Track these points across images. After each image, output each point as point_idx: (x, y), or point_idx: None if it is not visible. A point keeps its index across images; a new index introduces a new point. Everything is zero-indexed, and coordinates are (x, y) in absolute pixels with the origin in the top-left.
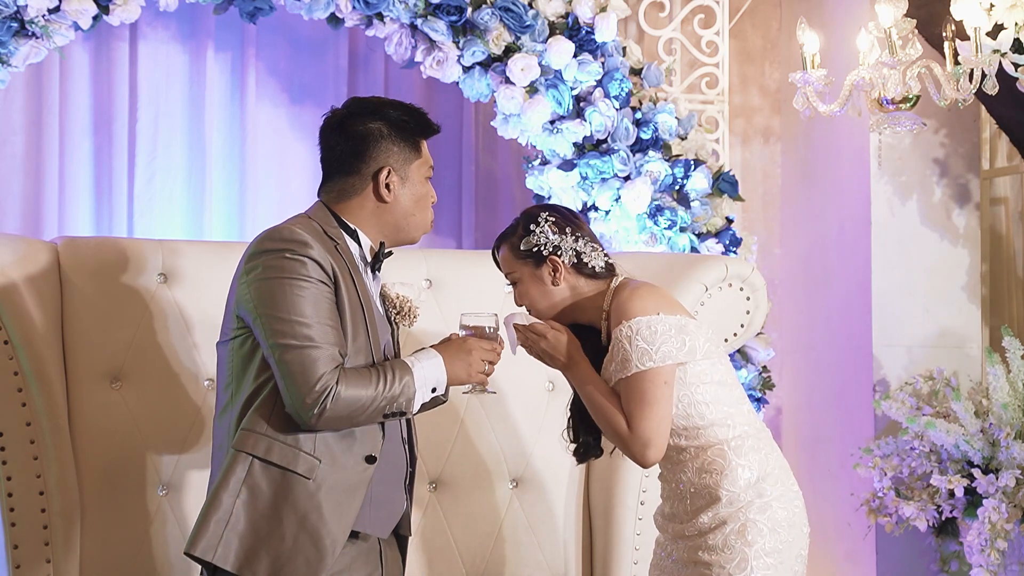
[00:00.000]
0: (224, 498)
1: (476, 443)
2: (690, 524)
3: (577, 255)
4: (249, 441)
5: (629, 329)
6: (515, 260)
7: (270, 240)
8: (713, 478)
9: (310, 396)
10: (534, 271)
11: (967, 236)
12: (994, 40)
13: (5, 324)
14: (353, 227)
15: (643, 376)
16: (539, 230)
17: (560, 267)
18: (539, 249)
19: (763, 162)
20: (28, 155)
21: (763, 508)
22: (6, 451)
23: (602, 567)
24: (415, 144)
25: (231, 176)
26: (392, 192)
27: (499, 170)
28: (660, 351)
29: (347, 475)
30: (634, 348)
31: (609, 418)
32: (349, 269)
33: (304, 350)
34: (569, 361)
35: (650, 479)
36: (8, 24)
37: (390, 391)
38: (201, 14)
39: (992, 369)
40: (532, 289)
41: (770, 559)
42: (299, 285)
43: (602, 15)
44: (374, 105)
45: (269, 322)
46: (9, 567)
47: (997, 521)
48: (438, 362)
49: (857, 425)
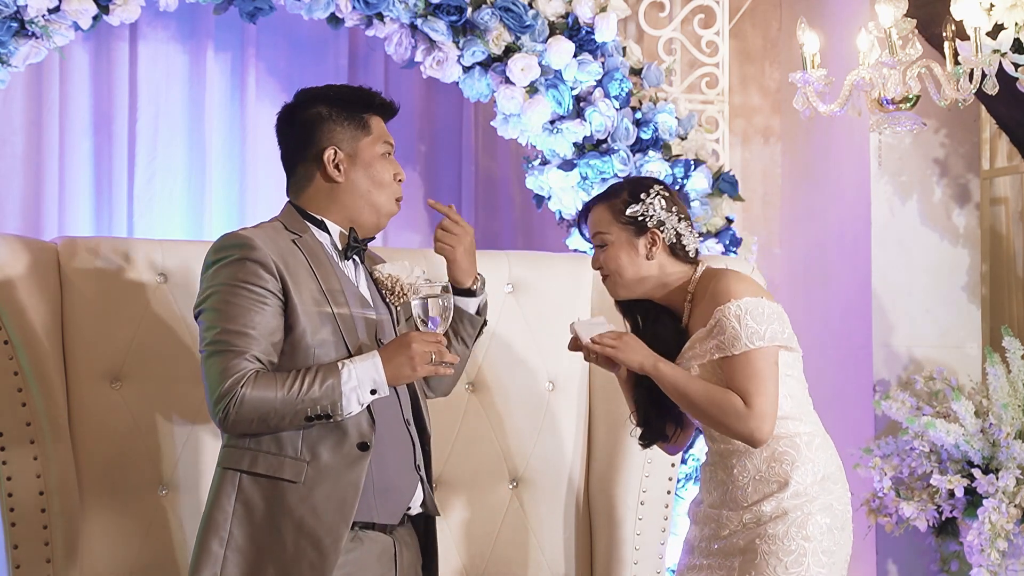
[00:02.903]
0: (219, 518)
1: (476, 443)
2: (748, 511)
3: (678, 236)
4: (233, 457)
5: (739, 308)
6: (613, 222)
7: (217, 248)
8: (783, 468)
9: (218, 398)
10: (631, 239)
11: (967, 236)
12: (994, 40)
13: (5, 324)
14: (320, 218)
15: (756, 354)
16: (649, 200)
17: (659, 242)
18: (644, 219)
19: (763, 162)
20: (28, 155)
21: (826, 507)
22: (6, 451)
23: (602, 567)
24: (362, 121)
25: (231, 176)
26: (343, 172)
27: (499, 170)
28: (768, 331)
29: (339, 469)
30: (743, 327)
31: (719, 400)
32: (309, 262)
33: (221, 354)
34: (652, 357)
35: (650, 479)
36: (8, 24)
37: (308, 394)
38: (201, 14)
39: (992, 369)
40: (623, 256)
41: (825, 558)
42: (233, 291)
43: (602, 15)
44: (317, 90)
45: (202, 328)
46: (9, 567)
47: (997, 521)
48: (374, 362)
49: (857, 425)
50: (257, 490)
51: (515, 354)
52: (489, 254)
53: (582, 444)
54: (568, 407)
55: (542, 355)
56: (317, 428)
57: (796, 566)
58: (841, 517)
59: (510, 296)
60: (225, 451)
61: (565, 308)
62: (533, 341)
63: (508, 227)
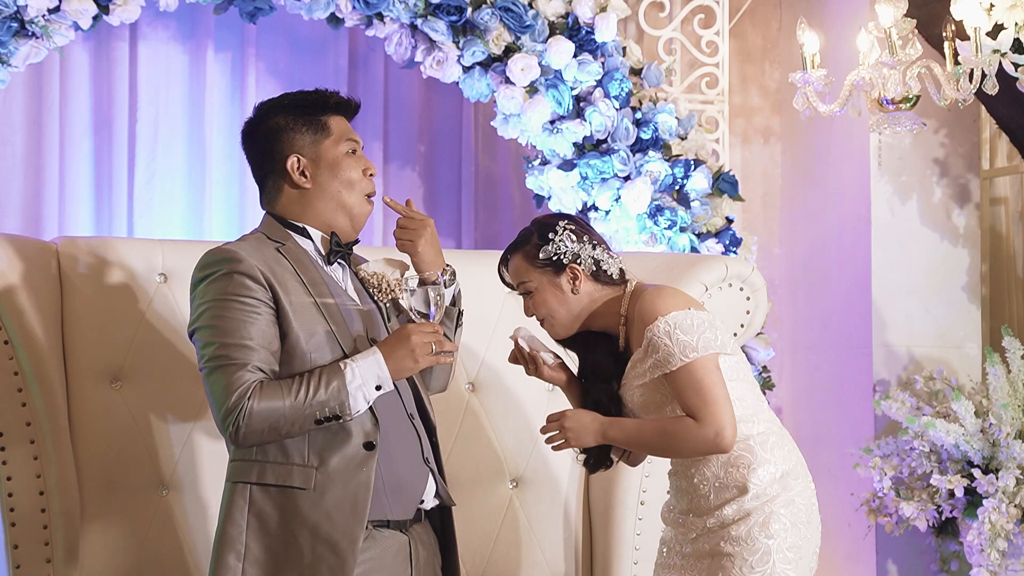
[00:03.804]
0: (233, 532)
1: (476, 443)
2: (712, 516)
3: (596, 263)
4: (241, 470)
5: (667, 324)
6: (532, 269)
7: (202, 265)
8: (740, 472)
9: (226, 413)
10: (553, 279)
11: (967, 236)
12: (994, 40)
13: (5, 324)
14: (300, 224)
15: (694, 366)
16: (558, 238)
17: (580, 275)
18: (559, 257)
19: (763, 162)
20: (28, 155)
21: (787, 503)
22: (6, 451)
23: (602, 567)
24: (320, 124)
25: (231, 176)
26: (310, 178)
27: (499, 170)
28: (701, 341)
29: (348, 471)
30: (675, 341)
31: (672, 429)
32: (295, 268)
33: (222, 369)
34: (601, 427)
35: (650, 479)
36: (8, 24)
37: (315, 397)
38: (201, 14)
39: (992, 369)
40: (551, 298)
41: (791, 554)
42: (224, 305)
43: (602, 15)
44: (272, 102)
45: (199, 346)
46: (9, 567)
47: (997, 521)
48: (375, 358)
49: (857, 425)
50: (268, 501)
51: None
52: (489, 254)
53: None
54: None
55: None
56: (322, 433)
57: (762, 564)
58: (805, 511)
59: (510, 296)
60: (233, 465)
61: None
62: None
63: (508, 227)
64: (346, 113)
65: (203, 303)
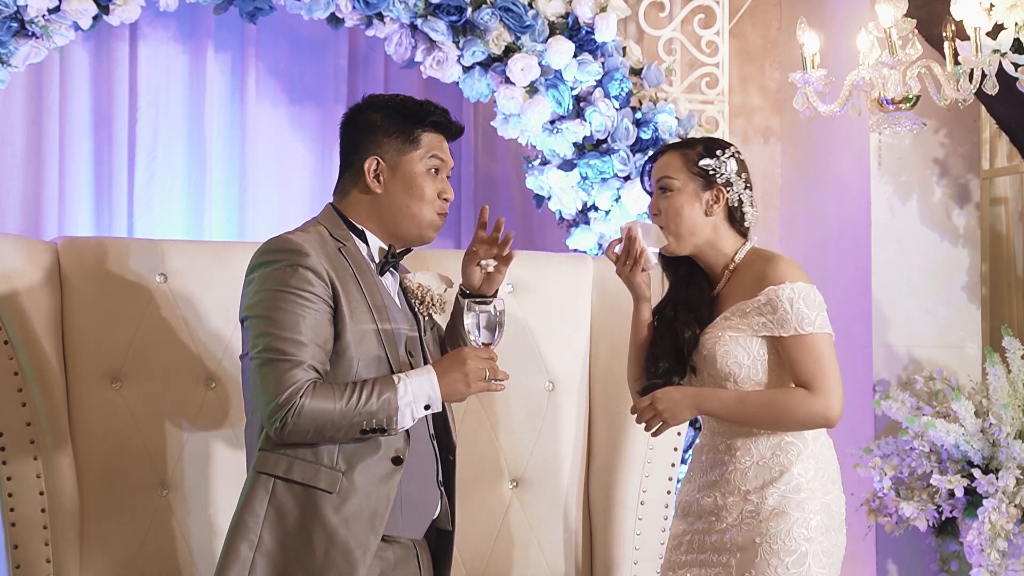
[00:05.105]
0: (250, 521)
1: (476, 443)
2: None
3: (740, 201)
4: (269, 462)
5: (792, 291)
6: (684, 170)
7: (265, 251)
8: (788, 457)
9: (275, 408)
10: (697, 190)
11: (967, 236)
12: (994, 40)
13: (5, 324)
14: (360, 227)
15: (816, 339)
16: (724, 158)
17: (721, 202)
18: (715, 173)
19: (763, 162)
20: (28, 155)
21: (824, 508)
22: (6, 451)
23: (602, 567)
24: (412, 135)
25: (231, 176)
26: (382, 184)
27: (499, 170)
28: (819, 319)
29: (373, 482)
30: (794, 310)
31: (780, 401)
32: (354, 272)
33: (276, 363)
34: (694, 400)
35: (650, 479)
36: (8, 24)
37: (365, 407)
38: (201, 14)
39: (992, 369)
40: (685, 205)
41: (825, 558)
42: (284, 297)
43: (602, 15)
44: (377, 98)
45: (252, 334)
46: (9, 567)
47: (997, 521)
48: (430, 378)
49: (857, 425)
50: (291, 496)
51: (515, 354)
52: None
53: (582, 444)
54: (568, 407)
55: (542, 355)
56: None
57: (798, 566)
58: (837, 519)
59: (510, 296)
60: (261, 455)
61: (565, 308)
62: (533, 341)
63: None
64: (446, 134)
65: (261, 291)
